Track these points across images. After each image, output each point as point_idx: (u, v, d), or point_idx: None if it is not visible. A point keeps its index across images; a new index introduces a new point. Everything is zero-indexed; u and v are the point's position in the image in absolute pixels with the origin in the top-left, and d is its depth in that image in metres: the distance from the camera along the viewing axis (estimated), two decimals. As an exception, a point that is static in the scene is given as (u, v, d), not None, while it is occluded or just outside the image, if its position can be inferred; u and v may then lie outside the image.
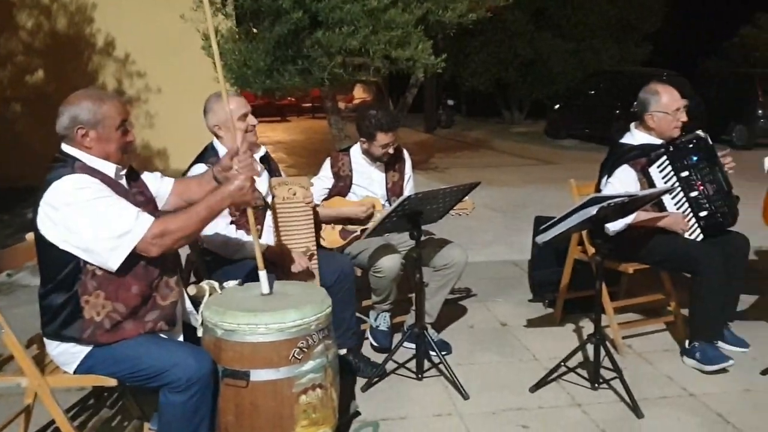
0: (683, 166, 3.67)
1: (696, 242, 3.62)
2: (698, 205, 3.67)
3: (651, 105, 3.68)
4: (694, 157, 3.67)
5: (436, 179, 9.79)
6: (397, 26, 7.47)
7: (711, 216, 3.65)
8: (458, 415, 3.09)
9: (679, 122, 3.67)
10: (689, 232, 3.65)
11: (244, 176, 2.42)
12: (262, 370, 2.38)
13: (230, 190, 2.40)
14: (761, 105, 14.00)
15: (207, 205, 2.38)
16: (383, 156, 3.72)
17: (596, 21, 18.65)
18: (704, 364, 3.47)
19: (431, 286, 3.69)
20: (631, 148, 3.74)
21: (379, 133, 3.63)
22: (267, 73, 7.71)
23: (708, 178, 3.67)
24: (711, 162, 3.69)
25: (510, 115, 20.45)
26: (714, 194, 3.66)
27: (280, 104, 21.36)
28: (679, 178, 3.66)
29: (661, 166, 3.67)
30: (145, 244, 2.26)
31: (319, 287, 2.79)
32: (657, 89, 3.70)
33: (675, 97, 3.68)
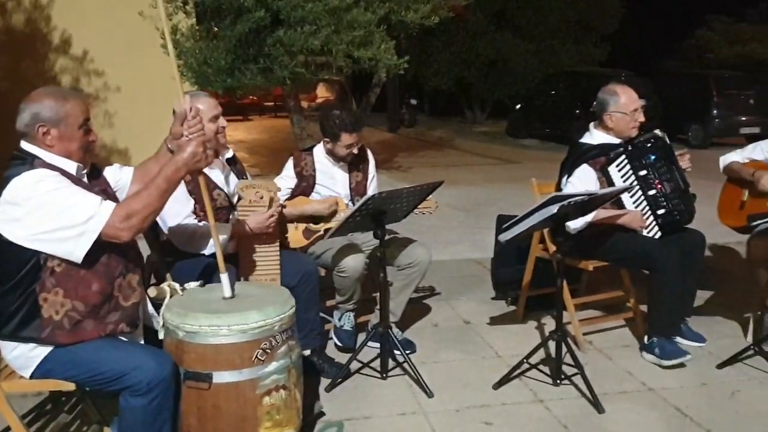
0: (641, 165, 3.73)
1: (654, 240, 3.69)
2: (656, 204, 3.74)
3: (610, 105, 3.74)
4: (652, 156, 3.74)
5: (399, 179, 9.81)
6: (360, 26, 7.47)
7: (668, 214, 3.73)
8: (423, 413, 3.10)
9: (636, 122, 3.74)
10: (647, 229, 3.72)
11: (196, 142, 2.37)
12: (225, 372, 2.36)
13: (184, 158, 2.34)
14: (716, 105, 14.34)
15: (164, 176, 2.32)
16: (347, 156, 3.71)
17: (556, 22, 18.90)
18: (663, 359, 3.54)
19: (395, 285, 3.69)
20: (590, 148, 3.79)
21: (344, 133, 3.62)
22: (228, 72, 7.64)
23: (665, 177, 3.74)
24: (668, 161, 3.76)
25: (472, 114, 20.60)
26: (671, 192, 3.73)
27: (242, 103, 21.18)
28: (637, 177, 3.73)
29: (619, 165, 3.73)
30: (114, 229, 2.22)
31: (283, 288, 2.77)
32: (616, 90, 3.76)
33: (633, 98, 3.74)
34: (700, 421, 3.03)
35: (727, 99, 14.46)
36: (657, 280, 3.57)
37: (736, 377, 3.46)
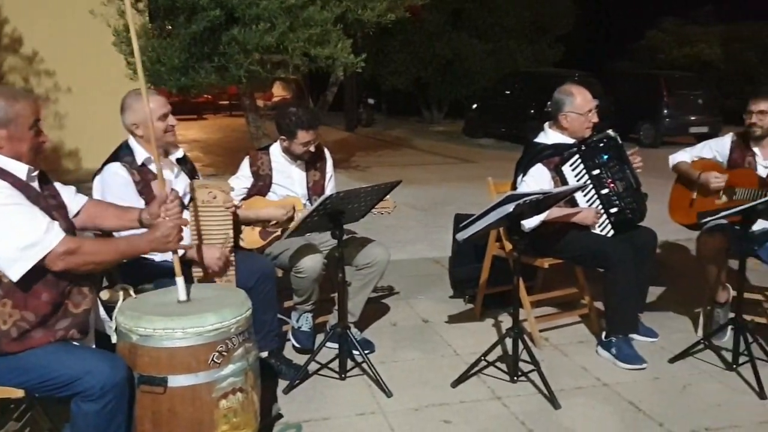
0: (594, 164, 3.80)
1: (607, 238, 3.76)
2: (609, 202, 3.80)
3: (565, 106, 3.79)
4: (605, 156, 3.81)
5: (357, 178, 9.80)
6: (316, 24, 7.44)
7: (621, 212, 3.79)
8: (381, 413, 3.10)
9: (591, 123, 3.80)
10: (601, 228, 3.78)
11: (172, 224, 2.43)
12: (181, 375, 2.32)
13: (156, 236, 2.41)
14: (666, 105, 14.67)
15: (130, 243, 2.42)
16: (304, 154, 3.68)
17: (511, 23, 19.13)
18: (619, 361, 3.60)
19: (354, 285, 3.68)
20: (544, 148, 3.84)
21: (300, 131, 3.59)
22: (182, 71, 7.54)
23: (618, 176, 3.81)
24: (620, 160, 3.83)
25: (429, 114, 20.70)
26: (623, 191, 3.80)
27: (196, 102, 20.89)
28: (590, 176, 3.79)
29: (573, 165, 3.78)
30: (54, 258, 2.19)
31: (239, 289, 2.74)
32: (571, 91, 3.81)
33: (588, 99, 3.80)
34: (653, 415, 3.09)
35: (677, 99, 14.81)
36: (611, 278, 3.63)
37: (687, 371, 3.54)
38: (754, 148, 3.85)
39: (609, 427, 3.00)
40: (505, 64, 18.72)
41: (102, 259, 2.32)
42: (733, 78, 19.43)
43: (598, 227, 3.78)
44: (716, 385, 3.39)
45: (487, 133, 16.02)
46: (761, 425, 3.00)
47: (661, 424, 3.01)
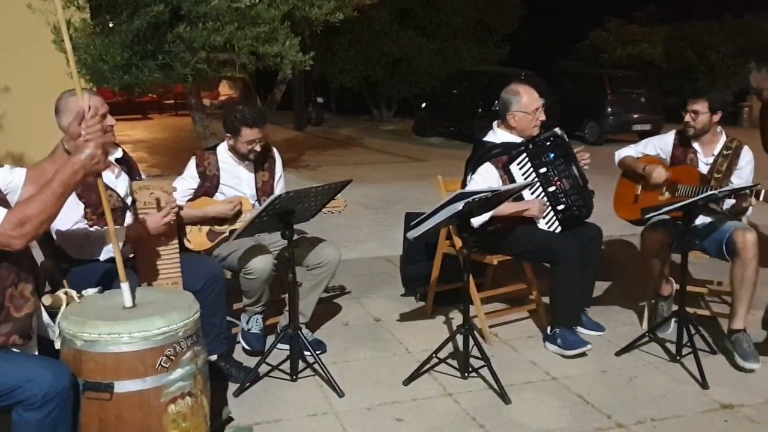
0: (541, 163, 3.85)
1: (554, 233, 3.82)
2: (556, 199, 3.86)
3: (512, 105, 3.84)
4: (551, 154, 3.87)
5: (307, 177, 9.75)
6: (264, 22, 7.35)
7: (568, 209, 3.86)
8: (333, 413, 3.09)
9: (538, 121, 3.85)
10: (548, 224, 3.84)
11: (95, 143, 2.27)
12: (127, 381, 2.27)
13: (81, 160, 2.24)
14: (610, 103, 15.00)
15: (60, 180, 2.21)
16: (249, 153, 3.62)
17: (458, 22, 19.27)
18: (565, 350, 3.67)
19: (305, 286, 3.65)
20: (492, 147, 3.89)
21: (244, 128, 3.53)
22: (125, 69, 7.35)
23: (564, 174, 3.87)
24: (567, 159, 3.90)
25: (379, 113, 20.72)
26: (570, 189, 3.87)
27: (141, 101, 20.46)
28: (538, 174, 3.85)
29: (520, 163, 3.84)
30: (5, 238, 2.10)
31: (186, 292, 2.69)
32: (518, 90, 3.86)
33: (534, 98, 3.85)
34: (601, 407, 3.15)
35: (620, 97, 15.15)
36: (557, 272, 3.70)
37: (633, 363, 3.62)
38: (696, 145, 3.96)
39: (558, 420, 3.04)
40: (452, 63, 18.86)
41: (50, 211, 2.19)
42: (675, 77, 19.96)
43: (546, 224, 3.84)
44: (661, 376, 3.47)
45: (436, 131, 16.11)
46: (704, 414, 3.09)
47: (609, 416, 3.07)
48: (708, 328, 3.90)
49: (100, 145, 2.28)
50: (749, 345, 3.53)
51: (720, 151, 3.91)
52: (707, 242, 3.78)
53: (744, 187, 3.55)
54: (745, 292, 3.55)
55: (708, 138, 3.93)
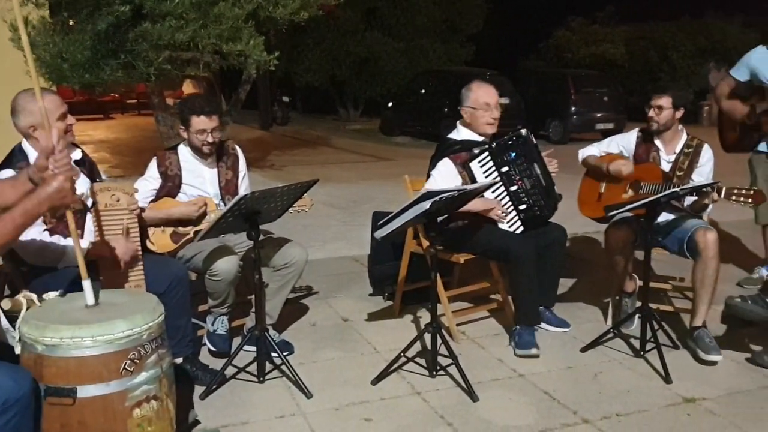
0: (503, 162, 3.88)
1: (511, 234, 3.84)
2: (518, 199, 3.89)
3: (465, 101, 3.92)
4: (513, 153, 3.90)
5: (273, 177, 9.69)
6: (227, 20, 7.28)
7: (529, 209, 3.89)
8: (302, 414, 3.07)
9: (489, 118, 3.88)
10: (510, 224, 3.86)
11: (63, 177, 2.24)
12: (91, 385, 2.23)
13: (48, 193, 2.21)
14: (574, 102, 15.17)
15: (23, 209, 2.17)
16: (202, 145, 3.54)
17: (423, 22, 19.34)
18: (516, 348, 3.70)
19: (271, 287, 3.62)
20: (453, 143, 3.93)
21: (193, 117, 3.48)
22: (86, 67, 7.22)
23: (526, 174, 3.90)
24: (529, 159, 3.92)
25: (346, 112, 20.68)
26: (531, 188, 3.90)
27: (102, 100, 20.17)
28: (500, 174, 3.87)
29: (482, 162, 3.86)
30: None
31: (150, 294, 2.65)
32: (471, 86, 3.94)
33: (484, 93, 3.89)
34: (567, 403, 3.18)
35: (583, 96, 15.35)
36: (513, 272, 3.75)
37: (598, 359, 3.67)
38: (658, 143, 4.02)
39: (525, 416, 3.07)
40: (418, 62, 18.91)
41: (5, 239, 2.15)
42: (636, 76, 20.29)
43: (508, 223, 3.87)
44: (625, 372, 3.52)
45: (403, 131, 16.14)
46: (667, 408, 3.14)
47: (575, 411, 3.11)
48: (671, 324, 3.97)
49: (68, 179, 2.24)
50: (710, 339, 3.60)
51: (681, 149, 3.98)
52: (669, 240, 3.85)
53: (705, 184, 3.61)
54: (706, 290, 3.62)
55: (670, 136, 3.99)
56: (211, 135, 3.53)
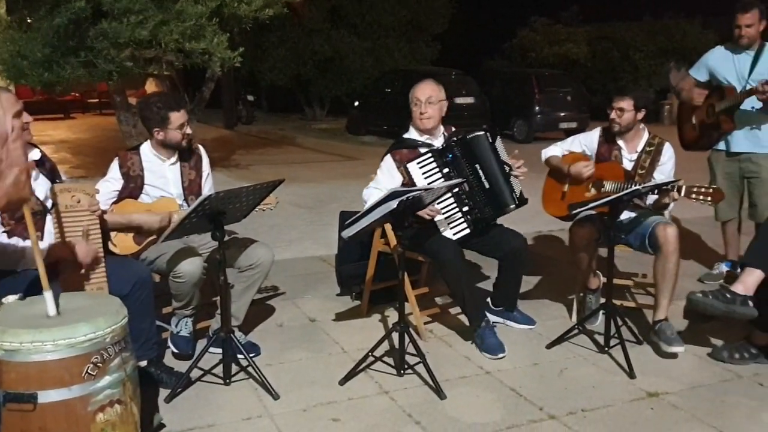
0: (444, 163, 3.88)
1: (441, 237, 3.82)
2: (461, 201, 3.90)
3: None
4: (450, 155, 3.90)
5: (238, 177, 9.61)
6: (190, 17, 7.20)
7: (471, 211, 3.89)
8: (269, 416, 3.05)
9: (422, 114, 3.92)
10: (456, 226, 3.86)
11: (18, 168, 2.14)
12: (52, 390, 2.19)
13: (5, 187, 2.12)
14: (538, 102, 15.32)
15: None
16: (183, 139, 3.53)
17: (389, 21, 19.36)
18: (482, 351, 3.72)
19: (237, 288, 3.59)
20: (400, 141, 4.00)
21: (172, 113, 3.47)
22: (46, 66, 7.08)
23: (464, 174, 3.87)
24: (470, 160, 3.90)
25: (311, 111, 20.61)
26: (473, 190, 3.89)
27: (63, 100, 19.79)
28: (443, 175, 3.87)
29: (422, 163, 3.87)
30: None
31: (113, 297, 2.61)
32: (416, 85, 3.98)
33: (420, 90, 3.96)
34: (533, 399, 3.21)
35: (547, 96, 15.49)
36: (443, 274, 3.81)
37: (563, 356, 3.71)
38: (620, 142, 4.07)
39: (492, 413, 3.09)
40: (384, 62, 18.92)
41: None
42: (599, 76, 20.56)
43: (451, 226, 3.85)
44: (590, 367, 3.57)
45: (369, 130, 16.12)
46: (631, 403, 3.19)
47: (541, 408, 3.14)
48: (634, 320, 4.03)
49: (24, 171, 2.15)
50: (672, 332, 3.66)
51: (643, 147, 4.04)
52: (631, 236, 3.91)
53: (666, 182, 3.67)
54: (667, 284, 3.69)
55: (631, 135, 4.05)
56: (188, 127, 3.56)
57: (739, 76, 4.54)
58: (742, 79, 4.52)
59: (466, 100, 14.45)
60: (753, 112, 4.49)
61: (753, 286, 3.40)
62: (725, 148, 4.70)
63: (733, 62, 4.58)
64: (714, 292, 3.44)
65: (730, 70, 4.58)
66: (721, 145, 4.71)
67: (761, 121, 4.52)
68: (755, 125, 4.54)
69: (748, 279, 3.41)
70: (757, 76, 4.42)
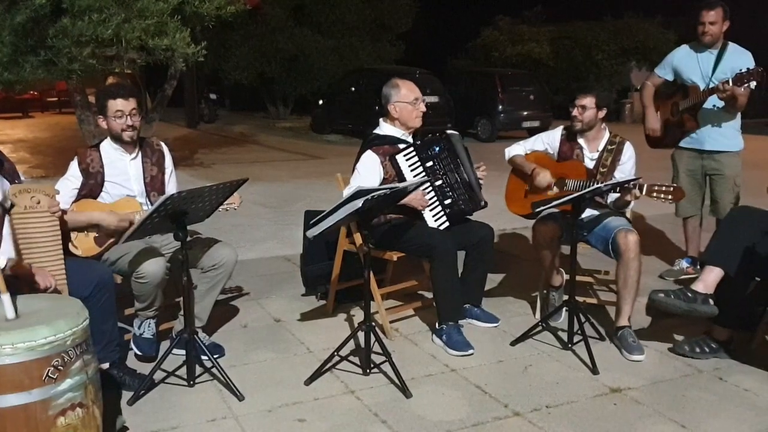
0: (428, 156, 3.94)
1: (434, 230, 3.88)
2: (443, 193, 3.94)
3: (393, 97, 3.95)
4: (436, 147, 3.96)
5: (201, 176, 9.52)
6: (152, 15, 7.10)
7: (454, 203, 3.94)
8: (233, 417, 3.03)
9: (419, 111, 3.95)
10: (435, 218, 3.90)
11: None
12: (11, 394, 2.15)
13: None
14: (501, 101, 15.46)
15: None
16: (123, 130, 3.45)
17: (353, 20, 19.37)
18: (449, 348, 3.73)
19: (200, 289, 3.55)
20: (375, 137, 3.98)
21: (109, 101, 3.41)
22: (5, 66, 6.93)
23: (449, 168, 3.97)
24: (453, 154, 3.99)
25: (275, 110, 20.50)
26: (455, 183, 3.96)
27: (21, 98, 19.40)
28: (425, 168, 3.92)
29: (407, 156, 3.90)
30: None
31: (74, 299, 2.56)
32: (396, 83, 3.99)
33: (412, 89, 3.98)
34: (498, 397, 3.24)
35: (510, 95, 15.65)
36: (434, 268, 3.80)
37: (527, 352, 3.74)
38: (581, 140, 4.13)
39: (458, 411, 3.11)
40: (348, 60, 18.92)
41: None
42: (562, 75, 20.85)
43: (433, 217, 3.90)
44: (554, 364, 3.61)
45: (334, 129, 16.11)
46: (595, 399, 3.23)
47: (506, 405, 3.16)
48: (597, 316, 4.09)
49: None
50: (633, 339, 3.71)
51: (605, 146, 4.10)
52: (593, 237, 3.96)
53: (627, 180, 3.73)
54: (628, 291, 3.74)
55: (593, 134, 4.10)
56: (130, 118, 3.45)
57: (703, 74, 4.63)
58: (706, 77, 4.61)
59: (431, 99, 14.46)
60: (715, 111, 4.59)
61: (713, 284, 3.47)
62: (688, 146, 4.79)
63: (697, 61, 4.67)
64: (675, 292, 3.51)
65: (694, 69, 4.67)
66: (684, 142, 4.81)
67: (723, 120, 4.63)
68: (717, 123, 4.64)
69: (708, 277, 3.49)
70: (720, 75, 4.51)
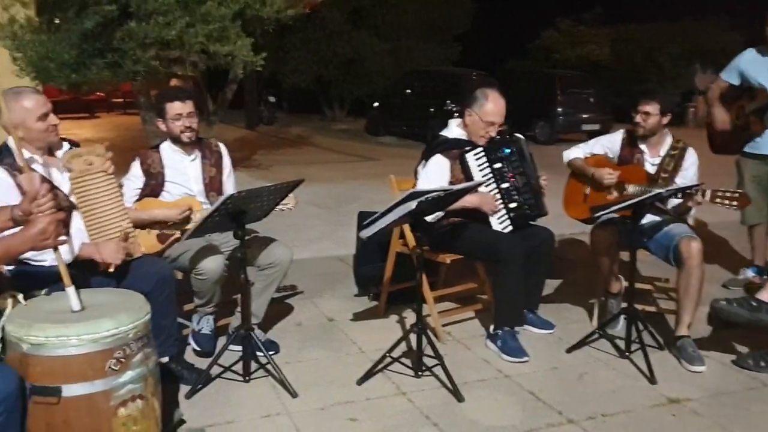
0: (496, 158, 3.90)
1: (501, 233, 3.85)
2: (509, 196, 3.91)
3: (475, 105, 3.89)
4: (506, 149, 3.91)
5: (259, 177, 9.66)
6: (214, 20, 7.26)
7: (520, 207, 3.91)
8: (287, 414, 3.07)
9: (487, 134, 3.88)
10: (500, 221, 3.88)
11: (48, 219, 2.29)
12: (76, 384, 2.22)
13: (32, 234, 2.27)
14: (560, 103, 15.24)
15: (5, 246, 2.26)
16: (181, 132, 3.54)
17: (410, 22, 19.38)
18: (503, 354, 3.70)
19: (257, 286, 3.61)
20: (445, 140, 3.94)
21: (167, 104, 3.52)
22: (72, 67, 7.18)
23: (518, 171, 3.92)
24: (522, 157, 3.95)
25: (332, 112, 20.67)
26: (523, 186, 3.92)
27: (88, 99, 20.04)
28: (492, 170, 3.89)
29: (477, 155, 3.88)
30: None
31: (137, 293, 2.64)
32: (487, 94, 3.88)
33: (496, 111, 3.84)
34: (552, 404, 3.20)
35: (570, 97, 15.41)
36: (501, 272, 3.75)
37: (583, 360, 3.68)
38: (642, 145, 4.04)
39: (511, 417, 3.08)
40: (404, 62, 18.94)
41: None
42: (622, 77, 20.41)
43: (498, 221, 3.88)
44: (611, 372, 3.54)
45: (388, 131, 16.14)
46: (652, 409, 3.16)
47: (560, 412, 3.12)
48: (656, 325, 3.99)
49: (53, 221, 2.30)
50: (694, 349, 3.62)
51: (667, 151, 4.00)
52: (654, 244, 3.86)
53: (690, 186, 3.63)
54: (689, 300, 3.64)
55: (655, 139, 4.01)
56: (188, 119, 3.55)
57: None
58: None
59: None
60: (784, 114, 4.44)
61: (779, 294, 3.36)
62: (753, 151, 4.65)
63: (764, 64, 4.53)
64: (739, 300, 3.40)
65: (762, 72, 4.53)
66: (749, 147, 4.66)
67: (792, 123, 4.47)
68: None
69: (775, 287, 3.37)
70: (788, 78, 4.37)
